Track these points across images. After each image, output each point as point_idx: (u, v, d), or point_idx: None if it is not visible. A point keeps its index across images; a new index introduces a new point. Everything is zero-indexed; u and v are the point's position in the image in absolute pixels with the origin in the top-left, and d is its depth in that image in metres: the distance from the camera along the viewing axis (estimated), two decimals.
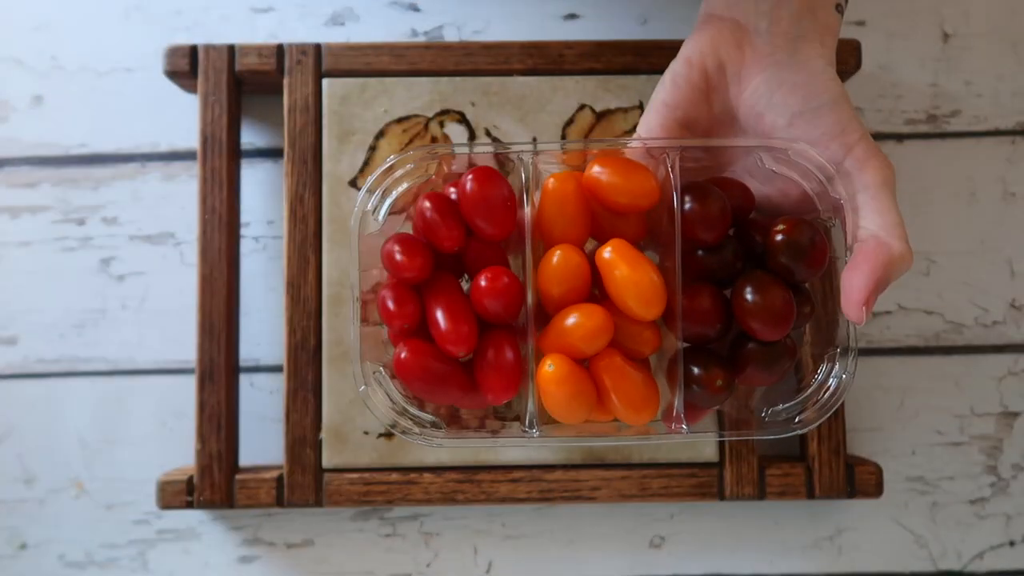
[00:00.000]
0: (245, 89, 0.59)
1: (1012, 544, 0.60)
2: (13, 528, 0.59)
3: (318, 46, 0.57)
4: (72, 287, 0.61)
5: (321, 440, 0.55)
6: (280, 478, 0.55)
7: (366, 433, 0.55)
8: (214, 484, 0.55)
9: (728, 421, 0.51)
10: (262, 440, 0.59)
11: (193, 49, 0.57)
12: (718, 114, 0.46)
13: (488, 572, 0.59)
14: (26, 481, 0.60)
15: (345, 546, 0.59)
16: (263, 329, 0.60)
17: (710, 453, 0.56)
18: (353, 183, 0.56)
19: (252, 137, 0.62)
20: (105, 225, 0.61)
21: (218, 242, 0.56)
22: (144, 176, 0.61)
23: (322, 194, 0.56)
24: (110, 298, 0.61)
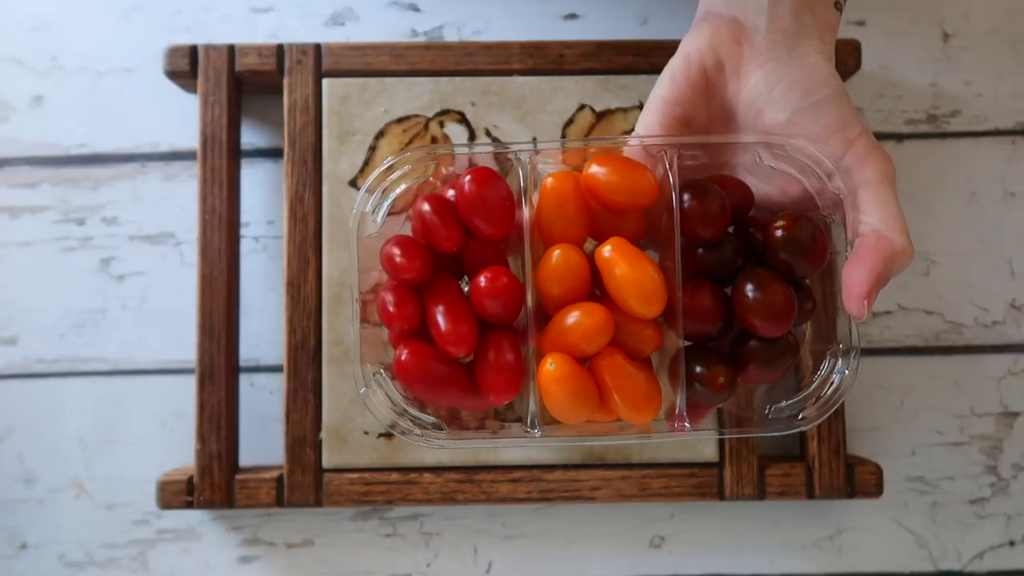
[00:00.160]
0: (245, 89, 0.59)
1: (1012, 544, 0.60)
2: (13, 528, 0.59)
3: (318, 46, 0.57)
4: (72, 287, 0.61)
5: (321, 440, 0.55)
6: (280, 478, 0.55)
7: (366, 433, 0.55)
8: (214, 484, 0.55)
9: (730, 419, 0.51)
10: (262, 440, 0.59)
11: (193, 49, 0.57)
12: (717, 111, 0.46)
13: (488, 572, 0.59)
14: (26, 481, 0.60)
15: (345, 546, 0.59)
16: (263, 329, 0.60)
17: (710, 453, 0.56)
18: (353, 183, 0.56)
19: (252, 137, 0.62)
20: (105, 225, 0.61)
21: (218, 242, 0.56)
22: (144, 176, 0.61)
23: (322, 194, 0.56)
24: (110, 298, 0.61)
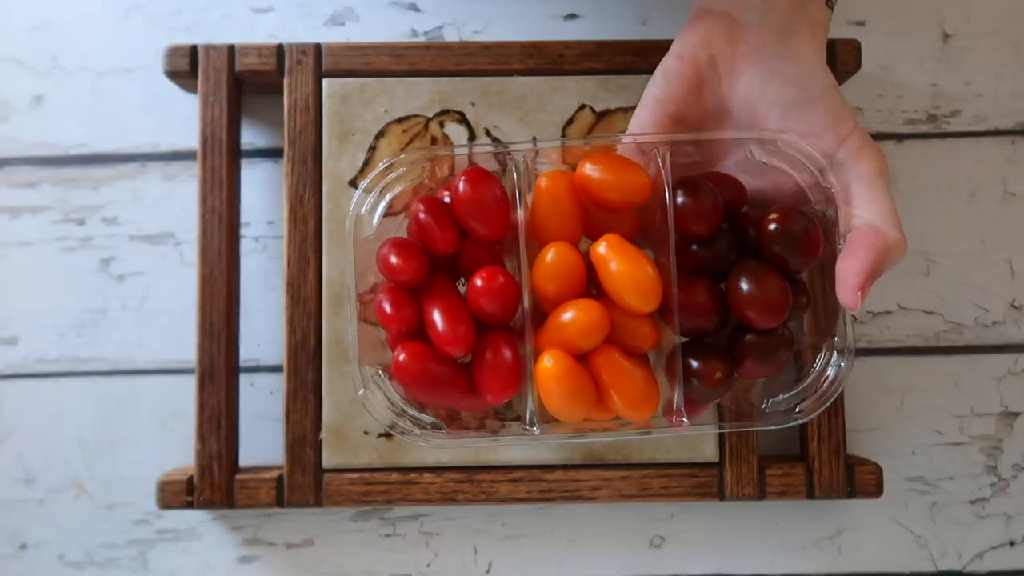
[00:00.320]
0: (245, 89, 0.59)
1: (1012, 544, 0.60)
2: (13, 528, 0.59)
3: (318, 46, 0.57)
4: (72, 287, 0.61)
5: (321, 440, 0.55)
6: (280, 478, 0.55)
7: (366, 433, 0.55)
8: (214, 484, 0.55)
9: (728, 414, 0.51)
10: (262, 440, 0.59)
11: (193, 49, 0.57)
12: (710, 108, 0.46)
13: (488, 572, 0.59)
14: (26, 481, 0.60)
15: (345, 546, 0.59)
16: (263, 329, 0.60)
17: (710, 453, 0.56)
18: (353, 183, 0.56)
19: (252, 137, 0.62)
20: (105, 225, 0.61)
21: (218, 242, 0.56)
22: (144, 176, 0.61)
23: (322, 194, 0.56)
24: (110, 298, 0.61)
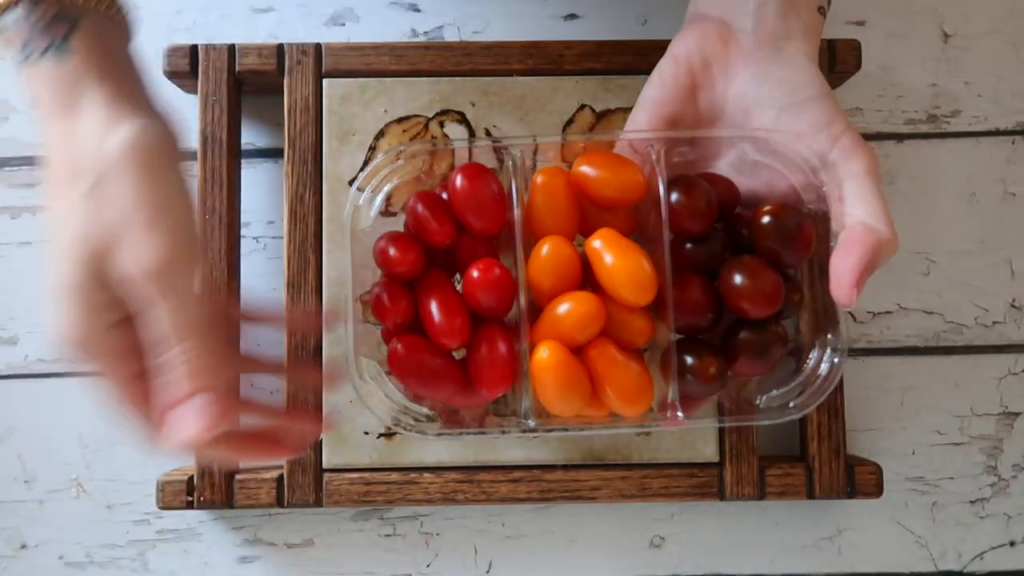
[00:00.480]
0: (245, 89, 0.59)
1: (1012, 544, 0.60)
2: (13, 528, 0.59)
3: (318, 46, 0.57)
4: None
5: (321, 440, 0.55)
6: (280, 478, 0.55)
7: (366, 433, 0.55)
8: (214, 484, 0.55)
9: (723, 410, 0.51)
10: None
11: (193, 49, 0.57)
12: (704, 111, 0.46)
13: (488, 572, 0.59)
14: (26, 481, 0.60)
15: (345, 546, 0.59)
16: (263, 329, 0.60)
17: (710, 453, 0.56)
18: (353, 183, 0.56)
19: (252, 137, 0.61)
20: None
21: (218, 242, 0.56)
22: None
23: (322, 194, 0.56)
24: None
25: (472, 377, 0.43)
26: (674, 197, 0.43)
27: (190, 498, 0.55)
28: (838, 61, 0.57)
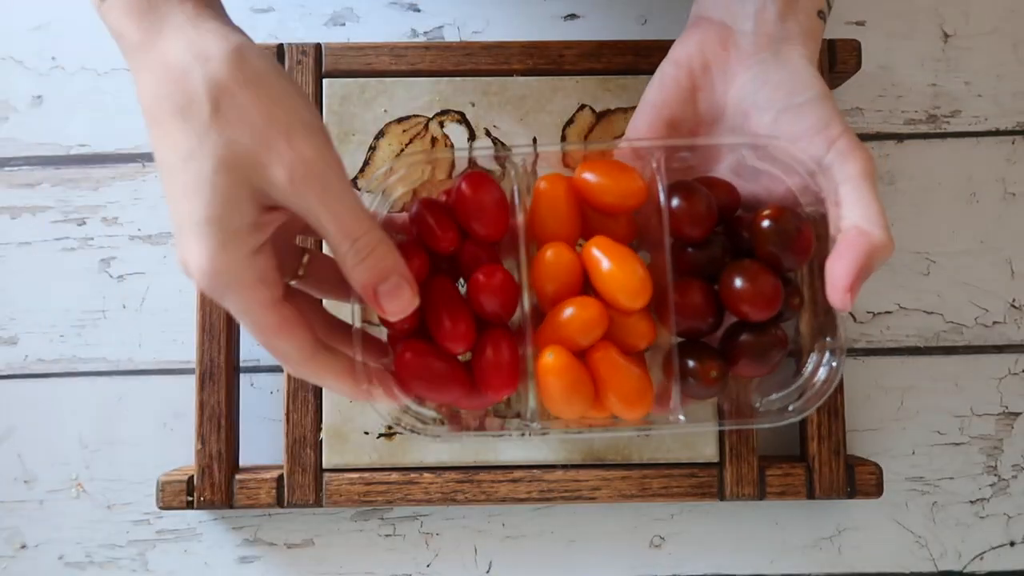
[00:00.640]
0: None
1: (1012, 544, 0.60)
2: (13, 528, 0.59)
3: (318, 46, 0.57)
4: (72, 287, 0.60)
5: (321, 440, 0.55)
6: (280, 478, 0.55)
7: (366, 433, 0.55)
8: (214, 484, 0.55)
9: (724, 414, 0.51)
10: (262, 440, 0.59)
11: None
12: (704, 113, 0.46)
13: (488, 572, 0.59)
14: (26, 481, 0.60)
15: (345, 546, 0.59)
16: None
17: (710, 453, 0.56)
18: (353, 183, 0.56)
19: None
20: (105, 225, 0.61)
21: None
22: (144, 176, 0.61)
23: None
24: (110, 298, 0.61)
25: (477, 380, 0.43)
26: (675, 203, 0.43)
27: (190, 498, 0.55)
28: (838, 61, 0.57)
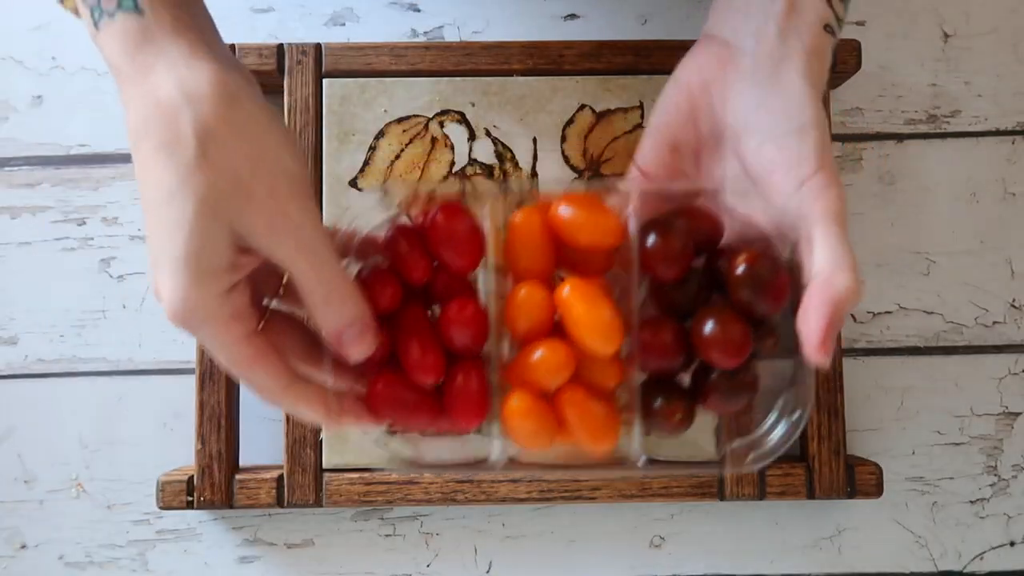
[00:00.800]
0: None
1: (1012, 544, 0.60)
2: (13, 528, 0.59)
3: (318, 46, 0.57)
4: (72, 287, 0.60)
5: (321, 440, 0.55)
6: (280, 478, 0.55)
7: (366, 433, 0.55)
8: (214, 484, 0.55)
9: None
10: (262, 440, 0.59)
11: None
12: (705, 134, 0.45)
13: (488, 572, 0.59)
14: (26, 481, 0.60)
15: (345, 546, 0.59)
16: None
17: (710, 453, 0.56)
18: (353, 183, 0.56)
19: None
20: (105, 225, 0.61)
21: None
22: None
23: (322, 194, 0.56)
24: (110, 298, 0.61)
25: (447, 410, 0.44)
26: (650, 240, 0.43)
27: (190, 498, 0.55)
28: (838, 61, 0.57)
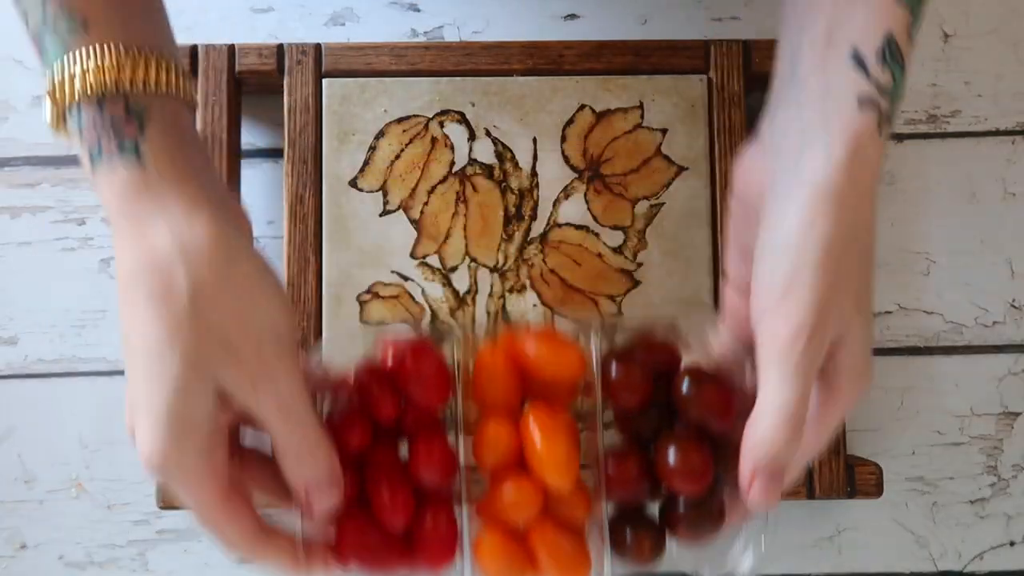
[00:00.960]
0: (245, 89, 0.59)
1: (1012, 544, 0.60)
2: (13, 528, 0.59)
3: (318, 46, 0.57)
4: (72, 287, 0.60)
5: None
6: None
7: None
8: None
9: None
10: (262, 440, 0.59)
11: (193, 49, 0.57)
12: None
13: None
14: (26, 481, 0.60)
15: None
16: None
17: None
18: (353, 183, 0.56)
19: (252, 137, 0.61)
20: (105, 225, 0.61)
21: None
22: None
23: (322, 194, 0.56)
24: (110, 298, 0.60)
25: (416, 551, 0.44)
26: (613, 374, 0.43)
27: None
28: None
